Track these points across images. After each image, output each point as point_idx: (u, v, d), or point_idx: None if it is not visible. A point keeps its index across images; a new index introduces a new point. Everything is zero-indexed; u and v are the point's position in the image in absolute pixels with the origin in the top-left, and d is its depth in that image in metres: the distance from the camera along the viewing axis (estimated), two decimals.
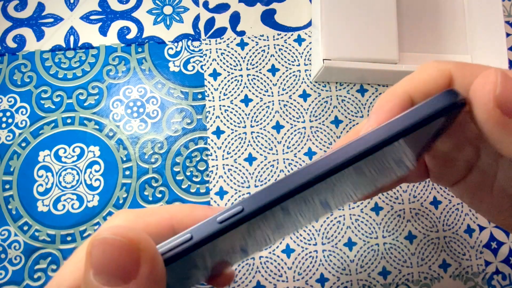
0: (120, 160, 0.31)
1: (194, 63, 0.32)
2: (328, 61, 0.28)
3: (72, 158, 0.31)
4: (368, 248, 0.30)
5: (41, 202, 0.30)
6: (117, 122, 0.31)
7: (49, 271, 0.29)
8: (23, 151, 0.31)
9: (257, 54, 0.32)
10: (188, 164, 0.31)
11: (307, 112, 0.32)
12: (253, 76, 0.32)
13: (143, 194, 0.30)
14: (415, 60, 0.31)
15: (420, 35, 0.32)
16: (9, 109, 0.31)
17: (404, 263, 0.29)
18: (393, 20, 0.29)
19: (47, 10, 0.33)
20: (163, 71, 0.32)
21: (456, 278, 0.30)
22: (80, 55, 0.32)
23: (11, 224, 0.30)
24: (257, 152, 0.31)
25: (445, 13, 0.32)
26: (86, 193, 0.30)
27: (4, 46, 0.33)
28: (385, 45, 0.29)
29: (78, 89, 0.32)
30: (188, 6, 0.33)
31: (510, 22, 0.34)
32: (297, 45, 0.33)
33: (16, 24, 0.33)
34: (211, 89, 0.32)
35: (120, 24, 0.33)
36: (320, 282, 0.29)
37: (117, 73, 0.32)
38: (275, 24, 0.33)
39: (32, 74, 0.32)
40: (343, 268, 0.29)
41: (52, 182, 0.30)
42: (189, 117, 0.31)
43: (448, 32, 0.32)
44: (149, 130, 0.31)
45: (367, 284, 0.29)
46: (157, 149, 0.31)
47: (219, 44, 0.33)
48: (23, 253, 0.29)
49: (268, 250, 0.29)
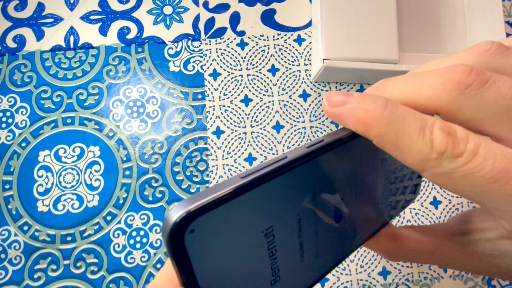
0: (120, 160, 0.31)
1: (194, 63, 0.32)
2: (328, 61, 0.28)
3: (72, 158, 0.31)
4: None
5: (41, 202, 0.30)
6: (117, 122, 0.31)
7: (49, 271, 0.29)
8: (23, 151, 0.31)
9: (257, 54, 0.32)
10: (188, 164, 0.31)
11: (307, 112, 0.32)
12: (253, 76, 0.32)
13: (143, 194, 0.30)
14: (415, 60, 0.31)
15: (420, 35, 0.32)
16: (9, 109, 0.31)
17: (404, 263, 0.29)
18: (393, 20, 0.29)
19: (47, 10, 0.33)
20: (163, 71, 0.32)
21: (456, 278, 0.29)
22: (80, 55, 0.32)
23: (11, 224, 0.30)
24: (257, 152, 0.31)
25: (445, 13, 0.32)
26: (86, 193, 0.30)
27: (4, 46, 0.33)
28: (385, 45, 0.29)
29: (78, 89, 0.32)
30: (188, 6, 0.33)
31: (510, 22, 0.34)
32: (297, 45, 0.33)
33: (16, 24, 0.33)
34: (211, 89, 0.32)
35: (120, 24, 0.33)
36: (320, 282, 0.29)
37: (117, 73, 0.32)
38: (275, 24, 0.33)
39: (32, 74, 0.32)
40: (343, 268, 0.29)
41: (52, 182, 0.30)
42: (189, 117, 0.31)
43: (448, 32, 0.32)
44: (149, 130, 0.31)
45: (367, 284, 0.29)
46: (157, 149, 0.31)
47: (219, 44, 0.33)
48: (23, 253, 0.29)
49: None
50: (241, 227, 0.11)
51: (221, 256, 0.11)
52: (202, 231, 0.10)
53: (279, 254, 0.13)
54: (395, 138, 0.12)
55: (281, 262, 0.13)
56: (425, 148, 0.12)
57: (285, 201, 0.12)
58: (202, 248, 0.10)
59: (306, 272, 0.15)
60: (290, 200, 0.13)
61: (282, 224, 0.13)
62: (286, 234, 0.13)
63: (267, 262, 0.13)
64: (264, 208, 0.12)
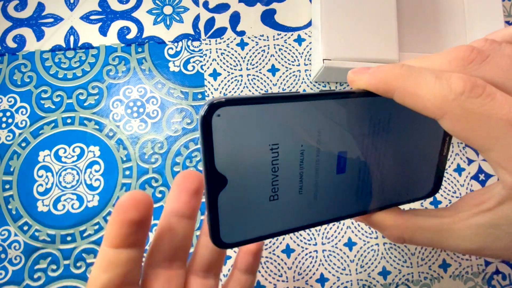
0: (120, 160, 0.31)
1: (194, 63, 0.32)
2: (328, 61, 0.28)
3: (72, 158, 0.31)
4: (368, 248, 0.30)
5: (41, 202, 0.30)
6: (117, 122, 0.31)
7: (49, 271, 0.29)
8: (23, 151, 0.31)
9: (257, 54, 0.32)
10: (188, 164, 0.31)
11: None
12: (253, 76, 0.32)
13: None
14: None
15: (420, 35, 0.32)
16: (9, 109, 0.31)
17: (404, 263, 0.29)
18: (393, 20, 0.29)
19: (47, 10, 0.33)
20: (163, 71, 0.32)
21: (456, 278, 0.30)
22: (80, 55, 0.32)
23: (11, 224, 0.30)
24: None
25: (445, 13, 0.32)
26: (86, 193, 0.30)
27: (4, 46, 0.33)
28: (385, 45, 0.29)
29: (78, 89, 0.32)
30: (188, 6, 0.33)
31: (510, 22, 0.34)
32: (297, 45, 0.33)
33: (16, 24, 0.33)
34: (211, 89, 0.32)
35: (120, 24, 0.33)
36: (320, 282, 0.29)
37: (117, 73, 0.32)
38: (275, 24, 0.33)
39: (32, 74, 0.32)
40: (343, 268, 0.29)
41: (52, 182, 0.30)
42: (189, 117, 0.31)
43: (448, 32, 0.32)
44: (149, 130, 0.31)
45: (367, 284, 0.29)
46: (157, 149, 0.31)
47: (219, 44, 0.33)
48: (23, 253, 0.29)
49: (268, 250, 0.29)
50: (254, 132, 0.14)
51: (236, 146, 0.14)
52: (226, 119, 0.13)
53: (280, 173, 0.15)
54: (413, 87, 0.13)
55: (281, 183, 0.15)
56: (443, 90, 0.13)
57: (293, 128, 0.15)
58: (223, 132, 0.13)
59: (304, 209, 0.17)
60: (297, 128, 0.15)
61: (286, 147, 0.15)
62: (289, 158, 0.15)
63: (269, 174, 0.15)
64: (274, 124, 0.14)
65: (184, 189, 0.16)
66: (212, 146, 0.13)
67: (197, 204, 0.17)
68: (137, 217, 0.14)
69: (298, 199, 0.16)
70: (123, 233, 0.14)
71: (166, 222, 0.16)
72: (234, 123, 0.14)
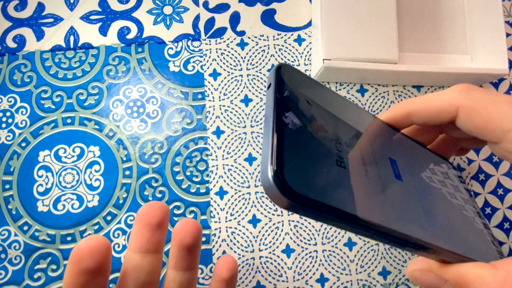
0: (120, 160, 0.31)
1: (194, 63, 0.32)
2: (328, 61, 0.28)
3: (72, 158, 0.31)
4: (368, 248, 0.30)
5: (41, 202, 0.30)
6: (117, 122, 0.31)
7: (49, 271, 0.29)
8: (23, 151, 0.31)
9: (257, 54, 0.32)
10: (188, 164, 0.31)
11: None
12: (253, 76, 0.32)
13: (143, 194, 0.30)
14: (415, 60, 0.31)
15: (420, 35, 0.32)
16: (9, 109, 0.31)
17: (404, 263, 0.29)
18: (393, 20, 0.29)
19: (47, 10, 0.33)
20: (163, 71, 0.32)
21: None
22: (80, 55, 0.32)
23: (11, 224, 0.30)
24: (257, 152, 0.31)
25: (445, 13, 0.32)
26: (86, 193, 0.30)
27: (4, 46, 0.33)
28: (385, 45, 0.29)
29: (78, 89, 0.32)
30: (188, 6, 0.33)
31: (510, 22, 0.34)
32: (297, 45, 0.33)
33: (16, 24, 0.33)
34: (211, 89, 0.32)
35: (120, 24, 0.33)
36: (320, 282, 0.29)
37: (117, 73, 0.32)
38: (275, 24, 0.33)
39: (32, 74, 0.32)
40: (343, 268, 0.29)
41: (52, 182, 0.30)
42: (189, 117, 0.31)
43: (448, 32, 0.32)
44: (149, 130, 0.31)
45: (367, 284, 0.29)
46: (157, 149, 0.31)
47: (219, 44, 0.33)
48: (23, 253, 0.29)
49: (268, 250, 0.29)
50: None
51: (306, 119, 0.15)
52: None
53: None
54: (425, 102, 0.19)
55: (344, 156, 0.15)
56: (449, 93, 0.18)
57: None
58: (295, 111, 0.14)
59: (375, 199, 0.15)
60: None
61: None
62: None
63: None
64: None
65: (147, 224, 0.16)
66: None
67: (161, 238, 0.16)
68: (93, 265, 0.14)
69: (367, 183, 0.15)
70: (81, 282, 0.14)
71: (131, 261, 0.16)
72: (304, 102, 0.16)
